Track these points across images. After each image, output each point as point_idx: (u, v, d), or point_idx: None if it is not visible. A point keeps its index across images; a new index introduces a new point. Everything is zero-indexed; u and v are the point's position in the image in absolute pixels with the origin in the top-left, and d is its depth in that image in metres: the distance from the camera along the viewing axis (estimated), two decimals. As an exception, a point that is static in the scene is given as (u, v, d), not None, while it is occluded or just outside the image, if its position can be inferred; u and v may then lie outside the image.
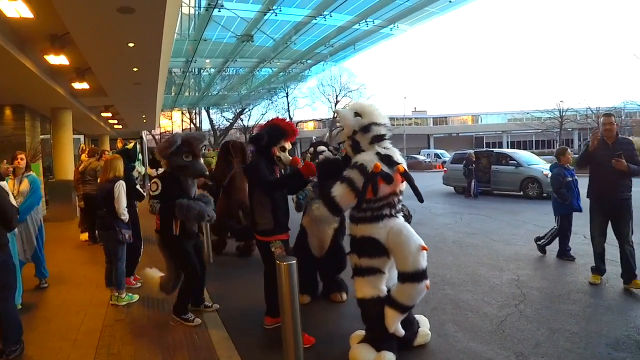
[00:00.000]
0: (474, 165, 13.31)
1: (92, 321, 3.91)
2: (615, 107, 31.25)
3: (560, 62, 62.41)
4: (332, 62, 16.02)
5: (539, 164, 12.98)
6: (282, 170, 3.87)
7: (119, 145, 9.25)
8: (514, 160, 13.07)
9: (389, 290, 3.04)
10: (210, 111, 37.44)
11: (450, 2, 9.22)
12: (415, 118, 57.77)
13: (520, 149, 29.40)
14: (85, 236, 7.38)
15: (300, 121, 43.40)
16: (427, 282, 2.88)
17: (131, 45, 6.60)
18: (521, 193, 12.48)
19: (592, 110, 29.28)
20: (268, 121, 3.85)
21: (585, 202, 4.97)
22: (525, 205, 10.81)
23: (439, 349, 3.28)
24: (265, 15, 9.25)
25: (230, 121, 38.97)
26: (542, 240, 5.85)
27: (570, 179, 5.61)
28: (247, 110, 37.70)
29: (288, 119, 5.10)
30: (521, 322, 3.70)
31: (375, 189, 2.83)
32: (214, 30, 10.36)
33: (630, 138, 5.23)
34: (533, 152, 18.25)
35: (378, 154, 2.94)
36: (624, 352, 3.12)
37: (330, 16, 9.73)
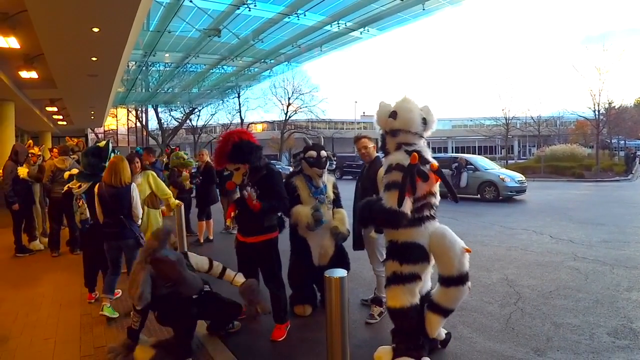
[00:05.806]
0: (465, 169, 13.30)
1: (66, 351, 3.30)
2: (553, 116, 34.13)
3: (505, 71, 67.44)
4: (295, 64, 15.82)
5: (495, 169, 13.71)
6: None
7: (71, 142, 8.32)
8: (472, 164, 13.67)
9: (428, 296, 2.94)
10: (159, 110, 35.50)
11: (423, 9, 9.43)
12: (364, 122, 59.15)
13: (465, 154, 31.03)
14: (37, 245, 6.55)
15: (252, 123, 42.59)
16: (469, 283, 2.82)
17: (96, 30, 6.03)
18: (478, 196, 13.07)
19: (533, 119, 31.70)
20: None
21: None
22: (485, 208, 11.29)
23: (460, 351, 3.23)
24: (238, 9, 8.86)
25: (179, 121, 37.27)
26: None
27: None
28: (197, 110, 36.23)
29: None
30: (525, 319, 3.78)
31: (414, 186, 2.70)
32: (179, 22, 9.76)
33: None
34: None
35: (406, 151, 2.83)
36: (625, 340, 3.34)
37: (305, 15, 9.55)
